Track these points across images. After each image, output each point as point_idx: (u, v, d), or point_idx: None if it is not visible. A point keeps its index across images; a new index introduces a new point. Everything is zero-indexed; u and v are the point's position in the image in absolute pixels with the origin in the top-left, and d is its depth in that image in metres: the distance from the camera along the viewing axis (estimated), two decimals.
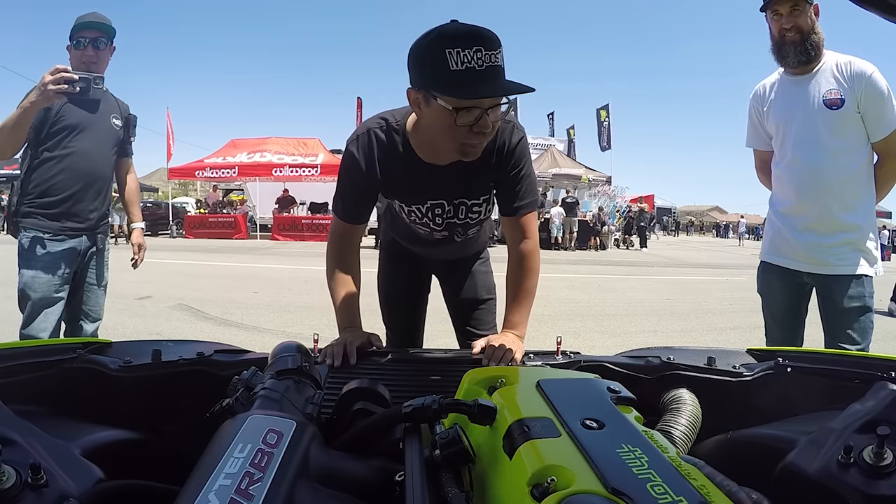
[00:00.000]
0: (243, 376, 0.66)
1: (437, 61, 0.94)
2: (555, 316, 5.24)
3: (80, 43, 2.00)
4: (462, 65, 0.93)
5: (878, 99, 1.70)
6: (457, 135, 1.02)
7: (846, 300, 1.76)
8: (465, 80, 0.94)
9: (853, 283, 1.75)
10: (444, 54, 0.93)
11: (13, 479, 0.46)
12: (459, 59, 0.93)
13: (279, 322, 4.50)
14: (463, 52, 0.92)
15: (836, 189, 1.78)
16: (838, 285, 1.77)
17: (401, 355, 1.06)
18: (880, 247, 2.11)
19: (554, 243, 14.48)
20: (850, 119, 1.74)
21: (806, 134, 1.81)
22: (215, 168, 15.22)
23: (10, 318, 2.31)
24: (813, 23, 1.76)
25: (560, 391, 0.61)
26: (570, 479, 0.43)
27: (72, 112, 2.00)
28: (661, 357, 0.99)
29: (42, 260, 1.97)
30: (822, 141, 1.77)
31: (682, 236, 34.67)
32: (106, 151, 2.14)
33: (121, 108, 2.22)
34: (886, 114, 1.71)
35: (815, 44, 1.77)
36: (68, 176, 2.00)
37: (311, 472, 0.49)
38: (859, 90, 1.71)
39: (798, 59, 1.79)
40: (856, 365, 0.85)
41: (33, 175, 2.00)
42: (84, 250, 2.11)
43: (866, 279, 1.76)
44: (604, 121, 20.83)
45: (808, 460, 0.62)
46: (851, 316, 1.76)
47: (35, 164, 1.99)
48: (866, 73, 1.72)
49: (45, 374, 0.83)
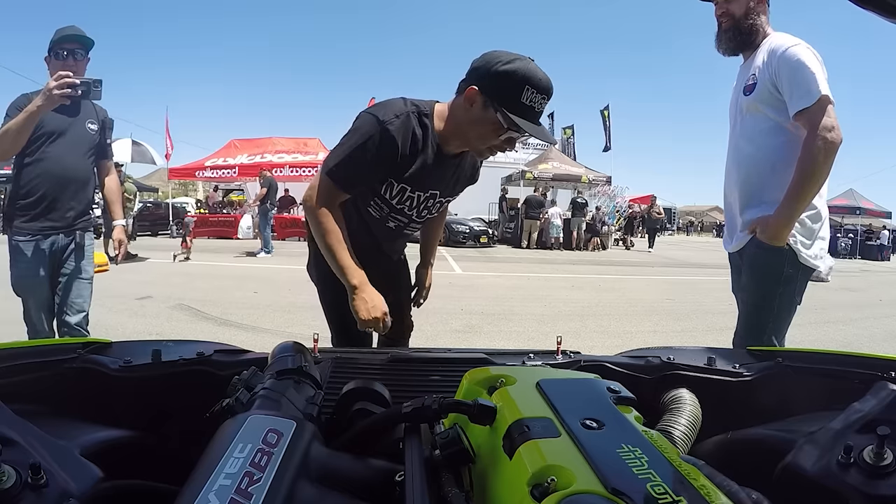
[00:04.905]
0: (243, 376, 0.66)
1: (516, 89, 1.18)
2: (555, 316, 5.24)
3: (59, 54, 2.15)
4: (530, 102, 1.20)
5: (791, 72, 1.58)
6: (491, 141, 1.29)
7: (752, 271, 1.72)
8: (526, 113, 1.20)
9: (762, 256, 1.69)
10: (523, 88, 1.18)
11: (13, 479, 0.46)
12: (531, 98, 1.20)
13: (279, 322, 4.50)
14: (536, 95, 1.20)
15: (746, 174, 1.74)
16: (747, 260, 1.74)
17: (401, 355, 1.06)
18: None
19: (553, 244, 14.46)
20: (766, 101, 1.66)
21: (733, 121, 1.81)
22: (215, 168, 15.21)
23: (10, 317, 2.32)
24: (748, 9, 1.70)
25: (560, 391, 0.61)
26: (570, 479, 0.43)
27: (51, 120, 2.12)
28: (661, 357, 0.99)
29: (24, 259, 2.14)
30: (735, 127, 1.77)
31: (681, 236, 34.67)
32: (80, 155, 2.26)
33: (97, 112, 2.34)
34: (795, 88, 1.58)
35: (744, 29, 1.72)
36: (43, 180, 2.14)
37: (311, 471, 0.49)
38: (773, 64, 1.63)
39: (726, 46, 1.76)
40: (856, 365, 0.85)
41: (19, 179, 2.15)
42: (63, 247, 2.24)
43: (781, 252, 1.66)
44: (605, 122, 20.85)
45: (808, 460, 0.62)
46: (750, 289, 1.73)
47: (19, 168, 2.14)
48: (783, 46, 1.61)
49: (46, 374, 0.83)
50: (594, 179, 16.85)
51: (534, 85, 1.18)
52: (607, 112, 20.79)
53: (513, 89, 1.18)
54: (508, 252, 13.03)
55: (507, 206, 16.61)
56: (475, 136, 1.29)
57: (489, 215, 16.93)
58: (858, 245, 19.39)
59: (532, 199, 14.41)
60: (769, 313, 1.69)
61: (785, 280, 1.67)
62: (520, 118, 1.19)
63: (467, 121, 1.27)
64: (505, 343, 4.00)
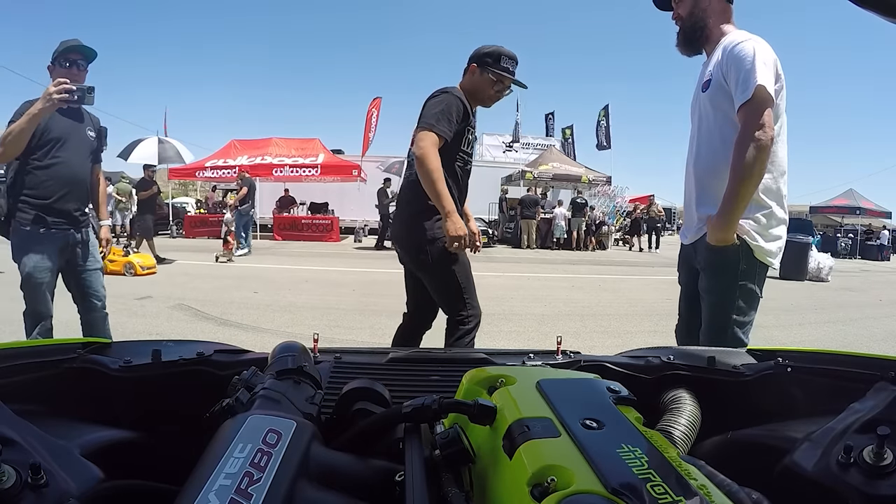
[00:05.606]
0: (243, 376, 0.66)
1: (496, 57, 2.19)
2: (555, 316, 5.24)
3: (63, 64, 2.37)
4: (506, 64, 2.20)
5: (738, 66, 1.62)
6: (489, 92, 2.23)
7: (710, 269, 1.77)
8: (505, 71, 2.20)
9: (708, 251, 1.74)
10: (500, 56, 2.20)
11: (13, 479, 0.46)
12: (506, 62, 2.20)
13: (279, 322, 4.50)
14: (509, 60, 2.21)
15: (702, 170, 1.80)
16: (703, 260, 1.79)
17: (401, 355, 1.06)
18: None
19: (555, 244, 14.45)
20: (720, 97, 1.70)
21: (693, 117, 1.86)
22: (215, 168, 15.20)
23: (11, 317, 2.33)
24: (692, 9, 1.78)
25: (560, 391, 0.61)
26: (570, 479, 0.43)
27: (57, 125, 2.35)
28: (661, 357, 0.99)
29: (38, 250, 2.33)
30: (694, 122, 1.83)
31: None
32: (84, 160, 2.50)
33: (93, 121, 2.58)
34: (740, 83, 1.61)
35: (687, 28, 1.80)
36: (55, 182, 2.36)
37: (311, 471, 0.49)
38: (724, 61, 1.67)
39: (682, 47, 1.85)
40: (856, 365, 0.85)
41: (25, 180, 2.31)
42: (73, 242, 2.46)
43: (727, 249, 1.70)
44: (601, 120, 20.83)
45: (808, 460, 0.62)
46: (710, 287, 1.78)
47: (25, 170, 2.31)
48: (733, 42, 1.67)
49: (45, 374, 0.83)
50: (594, 179, 16.85)
51: (506, 54, 2.20)
52: (605, 112, 20.78)
53: (494, 58, 2.19)
54: (508, 252, 13.04)
55: (507, 207, 16.61)
56: (480, 91, 2.23)
57: (489, 215, 16.93)
58: (858, 245, 19.40)
59: (527, 199, 14.41)
60: (731, 309, 1.72)
61: (742, 275, 1.71)
62: (503, 72, 2.19)
63: (473, 84, 2.23)
64: (505, 343, 4.00)
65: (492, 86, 2.19)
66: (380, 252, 12.22)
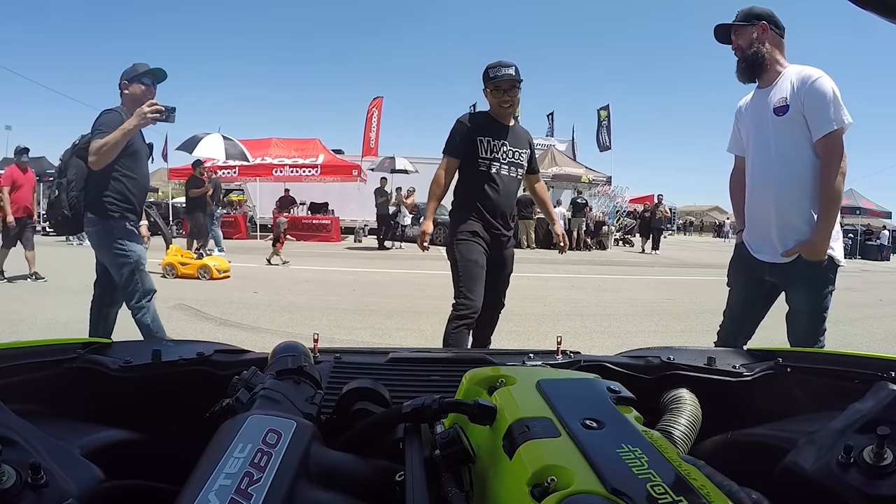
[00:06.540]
0: (243, 376, 0.66)
1: (488, 72, 2.57)
2: (555, 316, 5.24)
3: (144, 82, 2.71)
4: (496, 71, 2.55)
5: (818, 101, 1.82)
6: (497, 101, 2.59)
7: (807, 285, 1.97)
8: (496, 76, 2.56)
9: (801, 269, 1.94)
10: (489, 70, 2.57)
11: (13, 479, 0.46)
12: (495, 70, 2.55)
13: (279, 322, 4.50)
14: (497, 68, 2.55)
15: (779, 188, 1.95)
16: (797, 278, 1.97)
17: (401, 355, 1.06)
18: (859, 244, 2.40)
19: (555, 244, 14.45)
20: (795, 123, 1.88)
21: (759, 139, 2.02)
22: (216, 168, 15.19)
23: (11, 317, 2.32)
24: (751, 40, 1.98)
25: (560, 391, 0.61)
26: (570, 478, 0.43)
27: (135, 139, 2.69)
28: (661, 357, 0.99)
29: (137, 240, 2.76)
30: (769, 144, 1.96)
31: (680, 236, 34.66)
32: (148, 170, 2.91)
33: (144, 137, 2.92)
34: (822, 115, 1.82)
35: (749, 58, 2.00)
36: (139, 190, 2.79)
37: (311, 472, 0.49)
38: (802, 93, 1.85)
39: (741, 74, 2.05)
40: (856, 365, 0.85)
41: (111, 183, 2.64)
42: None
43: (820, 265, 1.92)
44: (603, 121, 20.78)
45: (808, 460, 0.62)
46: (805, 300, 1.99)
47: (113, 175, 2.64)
48: (812, 77, 1.86)
49: (46, 374, 0.83)
50: (594, 179, 16.85)
51: (491, 66, 2.57)
52: (606, 111, 20.74)
53: (485, 75, 2.59)
54: None
55: None
56: (493, 106, 2.63)
57: None
58: (858, 245, 19.38)
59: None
60: (825, 315, 2.00)
61: (831, 282, 1.97)
62: (492, 81, 2.56)
63: (488, 104, 2.66)
64: (505, 343, 4.00)
65: (496, 97, 2.57)
66: (380, 252, 12.23)
